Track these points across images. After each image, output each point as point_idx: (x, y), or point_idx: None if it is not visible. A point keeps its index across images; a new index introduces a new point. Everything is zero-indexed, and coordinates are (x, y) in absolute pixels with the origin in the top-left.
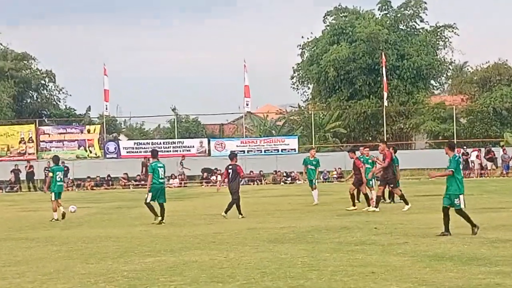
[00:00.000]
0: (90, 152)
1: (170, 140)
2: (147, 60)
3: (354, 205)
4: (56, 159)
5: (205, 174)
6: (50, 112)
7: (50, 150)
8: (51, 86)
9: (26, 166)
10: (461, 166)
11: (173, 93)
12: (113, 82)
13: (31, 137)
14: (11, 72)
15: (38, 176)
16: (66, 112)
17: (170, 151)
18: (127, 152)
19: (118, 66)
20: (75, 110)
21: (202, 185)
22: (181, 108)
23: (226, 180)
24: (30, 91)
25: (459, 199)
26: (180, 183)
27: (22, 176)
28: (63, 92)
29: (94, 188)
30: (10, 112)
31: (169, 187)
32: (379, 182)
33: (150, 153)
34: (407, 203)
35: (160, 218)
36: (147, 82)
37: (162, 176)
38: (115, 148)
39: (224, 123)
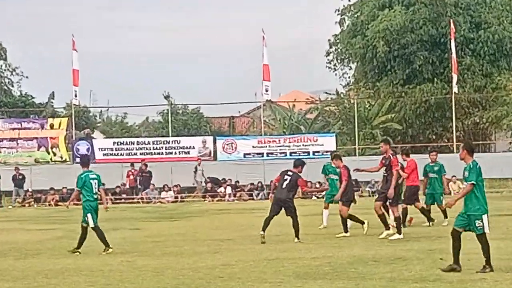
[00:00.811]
0: (54, 154)
1: (162, 139)
2: (131, 29)
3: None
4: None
5: (209, 185)
6: None
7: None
8: (1, 65)
9: None
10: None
11: (166, 76)
12: (85, 60)
13: None
14: None
15: None
16: (21, 100)
17: (162, 153)
18: (103, 155)
19: (91, 37)
20: (33, 97)
21: (205, 199)
22: (177, 96)
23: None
24: None
25: (482, 221)
26: (176, 198)
27: None
28: (16, 73)
29: (60, 203)
30: None
31: (161, 202)
32: (390, 201)
33: (80, 160)
34: (399, 232)
35: (109, 248)
36: (130, 60)
37: (96, 191)
38: (87, 150)
39: (235, 116)
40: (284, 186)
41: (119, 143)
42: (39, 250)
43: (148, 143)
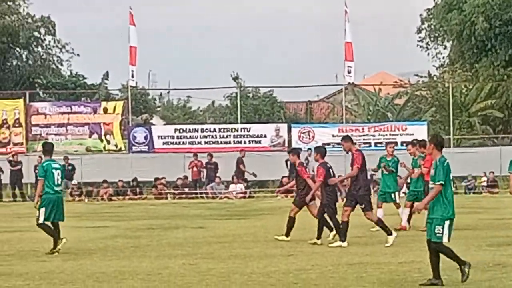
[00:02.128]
0: (108, 142)
1: (230, 126)
2: (196, 3)
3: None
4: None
5: (284, 179)
6: (47, 81)
7: (46, 139)
8: (49, 41)
9: (10, 162)
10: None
11: (236, 55)
12: (144, 36)
13: (18, 118)
14: None
15: (28, 179)
16: (71, 81)
17: (230, 142)
18: (163, 144)
19: (150, 10)
20: (84, 78)
21: (278, 195)
22: (247, 78)
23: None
24: (17, 48)
25: (443, 228)
26: (245, 193)
27: (5, 178)
28: (66, 51)
29: (113, 198)
30: None
31: (228, 197)
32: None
33: (43, 148)
34: (389, 234)
35: (61, 242)
36: (194, 36)
37: (59, 182)
38: (145, 137)
39: (313, 101)
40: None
41: (181, 131)
42: (90, 250)
43: (214, 130)
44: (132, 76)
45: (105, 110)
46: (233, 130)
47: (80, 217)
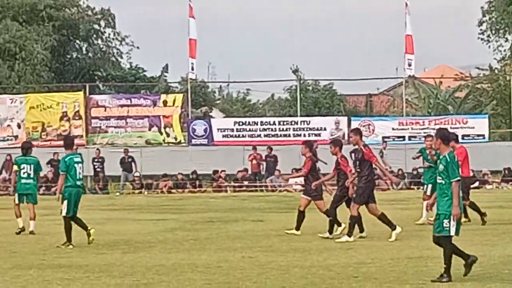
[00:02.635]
0: (167, 135)
1: (290, 119)
2: None
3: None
4: (24, 146)
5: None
6: (106, 74)
7: (106, 132)
8: (109, 34)
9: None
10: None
11: (295, 47)
12: (203, 28)
13: (78, 111)
14: (49, 11)
15: (88, 171)
16: (130, 73)
17: (289, 135)
18: (223, 136)
19: (210, 2)
20: (144, 70)
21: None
22: (307, 71)
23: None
24: (77, 41)
25: (450, 221)
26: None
27: None
28: (126, 43)
29: (172, 190)
30: (46, 73)
31: (287, 190)
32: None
33: (64, 142)
34: (349, 234)
35: (70, 244)
36: (254, 29)
37: (80, 176)
38: (205, 130)
39: (373, 94)
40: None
41: (240, 123)
42: (150, 243)
43: (274, 123)
44: (192, 69)
45: (165, 103)
46: (293, 123)
47: (140, 210)
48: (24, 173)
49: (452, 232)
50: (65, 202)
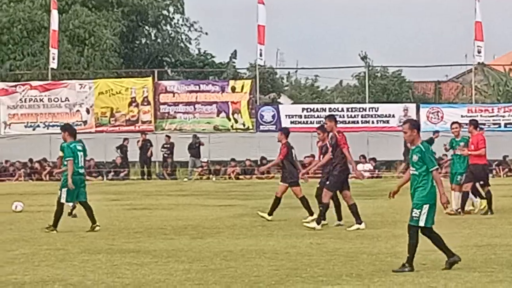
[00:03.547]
0: (236, 121)
1: (358, 105)
2: None
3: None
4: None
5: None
6: (175, 60)
7: (174, 118)
8: (178, 20)
9: (138, 141)
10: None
11: (364, 33)
12: (272, 14)
13: (147, 96)
14: None
15: (157, 157)
16: (199, 59)
17: (358, 122)
18: (291, 123)
19: None
20: (213, 57)
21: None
22: (376, 57)
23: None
24: (146, 27)
25: (420, 211)
26: (372, 173)
27: (132, 156)
28: (195, 29)
29: (241, 176)
30: (115, 59)
31: (355, 177)
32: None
33: (67, 130)
34: (317, 222)
35: (94, 225)
36: (323, 14)
37: (82, 164)
38: (273, 116)
39: (442, 81)
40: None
41: (308, 110)
42: (218, 228)
43: (342, 110)
44: (260, 55)
45: (233, 89)
46: (361, 109)
47: (208, 195)
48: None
49: (421, 223)
50: (64, 189)
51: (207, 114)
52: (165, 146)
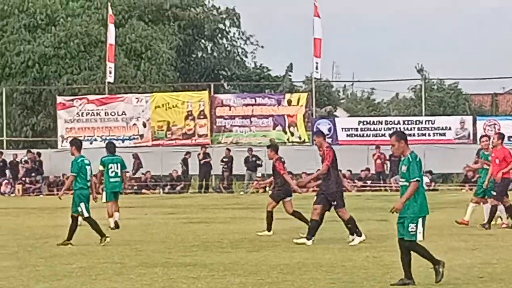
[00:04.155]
0: (292, 134)
1: (414, 118)
2: None
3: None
4: (110, 147)
5: (470, 173)
6: (231, 73)
7: (230, 131)
8: (234, 33)
9: (199, 154)
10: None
11: (420, 45)
12: (328, 27)
13: (203, 110)
14: (174, 11)
15: (214, 171)
16: (255, 72)
17: (414, 134)
18: (347, 136)
19: (335, 3)
20: (269, 70)
21: (462, 189)
22: (432, 69)
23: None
24: (202, 40)
25: (416, 225)
26: (429, 184)
27: (192, 170)
28: (251, 43)
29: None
30: (172, 72)
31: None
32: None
33: (73, 145)
34: (357, 234)
35: (68, 242)
36: (379, 26)
37: (89, 178)
38: (329, 130)
39: (499, 93)
40: None
41: (365, 123)
42: (274, 242)
43: (398, 122)
44: (317, 68)
45: (289, 102)
46: (417, 122)
47: (264, 209)
48: (112, 172)
49: (419, 237)
50: (83, 204)
51: (263, 127)
52: (224, 159)
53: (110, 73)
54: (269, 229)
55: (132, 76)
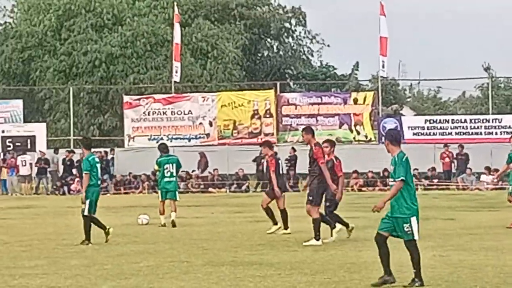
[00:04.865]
0: (358, 133)
1: (481, 117)
2: None
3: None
4: (163, 147)
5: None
6: (297, 72)
7: (296, 130)
8: (300, 32)
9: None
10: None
11: (488, 43)
12: (394, 25)
13: (269, 109)
14: (240, 10)
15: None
16: (321, 71)
17: (481, 133)
18: (413, 134)
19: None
20: (335, 69)
21: None
22: (499, 67)
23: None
24: (268, 39)
25: (410, 225)
26: (496, 185)
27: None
28: (317, 41)
29: (363, 188)
30: (238, 71)
31: (478, 189)
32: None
33: (83, 143)
34: (316, 237)
35: (89, 243)
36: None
37: (99, 176)
38: (395, 128)
39: None
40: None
41: (431, 121)
42: (341, 240)
43: (465, 121)
44: (383, 67)
45: (355, 101)
46: (484, 121)
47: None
48: (167, 172)
49: (416, 236)
50: (88, 201)
51: (329, 126)
52: (287, 158)
53: (176, 72)
54: (275, 223)
55: (198, 75)
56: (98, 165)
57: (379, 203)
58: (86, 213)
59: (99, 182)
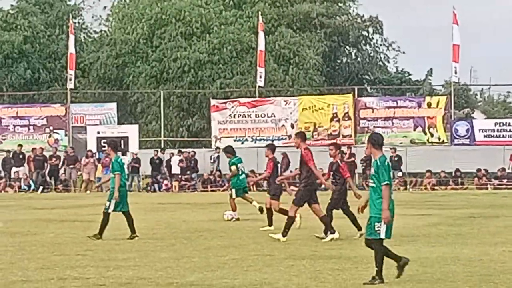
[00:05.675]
0: (431, 135)
1: None
2: None
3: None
4: (232, 150)
5: None
6: (374, 77)
7: (373, 132)
8: (377, 40)
9: (345, 154)
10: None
11: None
12: (467, 32)
13: (347, 112)
14: (321, 19)
15: (358, 169)
16: (396, 77)
17: None
18: (484, 137)
19: (473, 5)
20: (409, 74)
21: None
22: None
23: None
24: (347, 47)
25: (380, 225)
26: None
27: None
28: (393, 49)
29: (436, 187)
30: (318, 77)
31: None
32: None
33: (111, 146)
34: (283, 233)
35: (134, 235)
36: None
37: (126, 177)
38: (467, 131)
39: None
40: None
41: (501, 124)
42: (415, 236)
43: None
44: (455, 73)
45: (429, 105)
46: None
47: (405, 205)
48: (240, 171)
49: (383, 235)
50: (113, 201)
51: (404, 128)
52: (363, 158)
53: (260, 77)
54: (270, 224)
55: (281, 80)
56: (125, 166)
57: (384, 214)
58: (110, 210)
59: (126, 182)
